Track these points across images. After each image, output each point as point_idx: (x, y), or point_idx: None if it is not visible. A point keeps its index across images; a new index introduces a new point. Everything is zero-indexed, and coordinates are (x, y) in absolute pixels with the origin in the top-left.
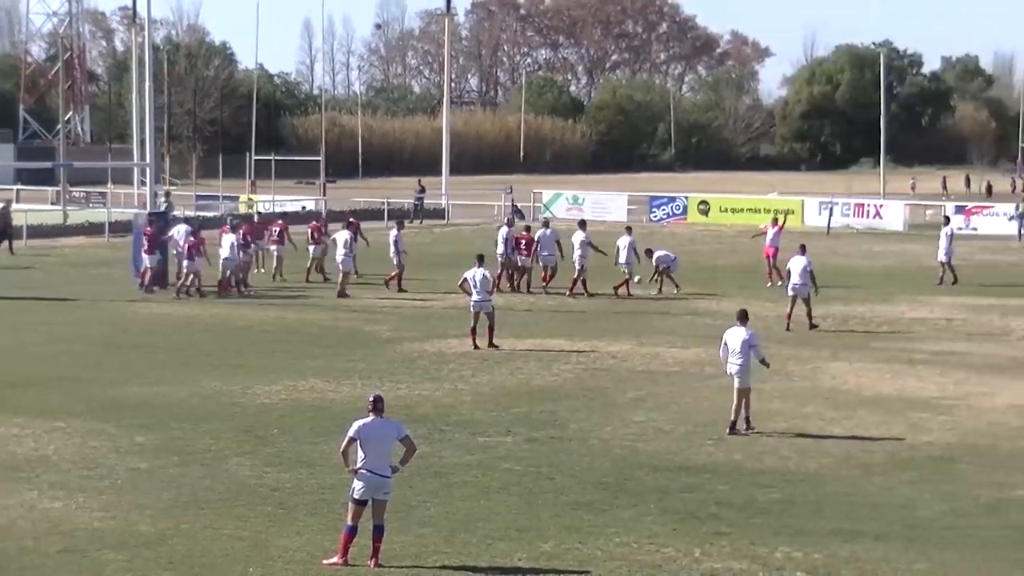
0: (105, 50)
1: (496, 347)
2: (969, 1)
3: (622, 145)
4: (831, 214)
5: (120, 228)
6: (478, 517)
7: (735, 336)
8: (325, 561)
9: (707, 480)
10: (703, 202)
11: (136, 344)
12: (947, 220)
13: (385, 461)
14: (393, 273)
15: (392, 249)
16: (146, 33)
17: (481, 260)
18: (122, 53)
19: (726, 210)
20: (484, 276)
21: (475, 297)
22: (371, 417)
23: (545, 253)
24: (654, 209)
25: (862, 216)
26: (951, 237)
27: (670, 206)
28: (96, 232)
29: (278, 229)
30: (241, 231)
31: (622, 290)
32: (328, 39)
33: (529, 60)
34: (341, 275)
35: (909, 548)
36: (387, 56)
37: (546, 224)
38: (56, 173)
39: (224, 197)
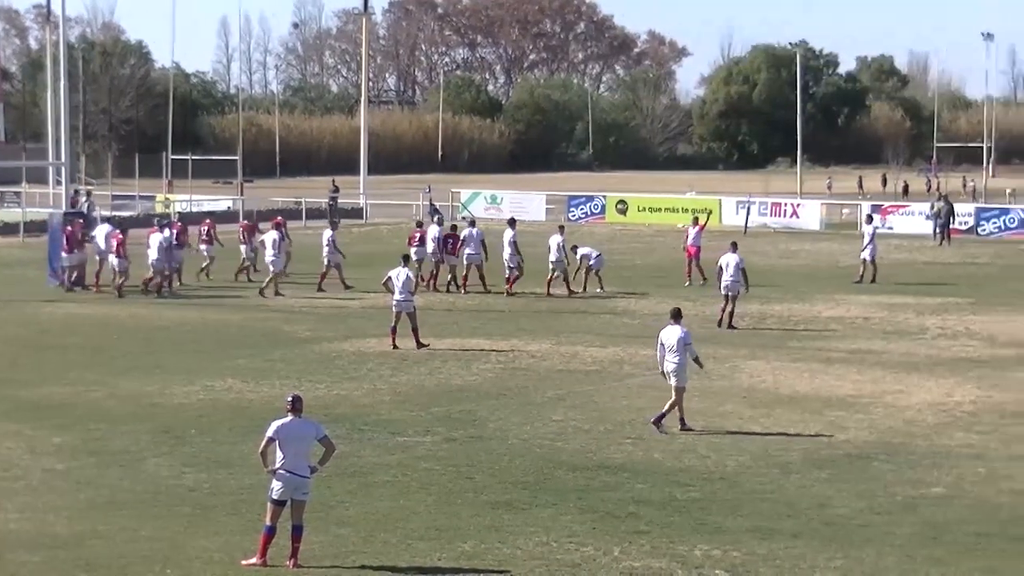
0: (19, 48)
1: (426, 345)
2: (884, 2)
3: (540, 144)
4: (748, 213)
5: (35, 228)
6: (397, 517)
7: (671, 334)
8: (244, 562)
9: (626, 479)
10: (621, 201)
11: (53, 345)
12: (870, 219)
13: (304, 461)
14: (321, 272)
15: (326, 249)
16: (60, 31)
17: (406, 260)
18: (36, 51)
19: (644, 209)
20: (408, 276)
21: (397, 297)
22: (289, 417)
23: (470, 251)
24: (572, 208)
25: (779, 215)
26: (874, 235)
27: (588, 205)
28: (11, 232)
29: (207, 228)
30: (175, 231)
31: (546, 288)
32: (245, 38)
33: (447, 59)
34: (271, 274)
35: (826, 546)
36: (304, 55)
37: (472, 223)
38: None
39: (140, 197)
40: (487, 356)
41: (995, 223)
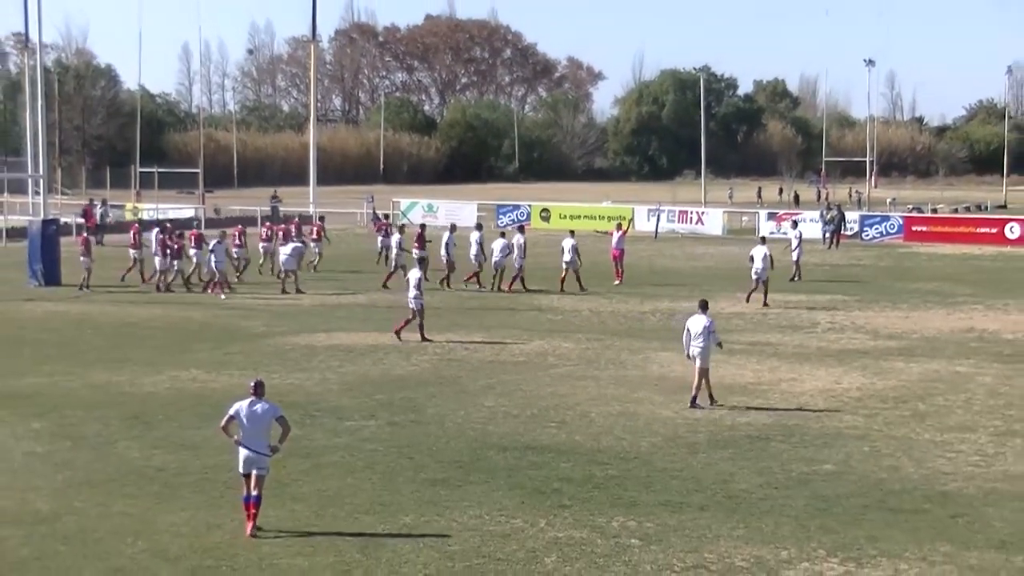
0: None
1: (398, 338)
2: (777, 30)
3: (471, 158)
4: (658, 220)
5: (16, 234)
6: (345, 493)
7: (697, 323)
8: (248, 532)
9: (551, 459)
10: (544, 209)
11: (31, 339)
12: (795, 224)
13: (263, 440)
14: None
15: (444, 251)
16: (38, 56)
17: (421, 263)
18: (16, 74)
19: (565, 216)
20: (420, 277)
21: (410, 294)
22: (251, 399)
23: (498, 256)
24: (501, 216)
25: (686, 222)
26: (800, 239)
27: (515, 213)
28: None
29: (238, 233)
30: (236, 234)
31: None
32: (205, 62)
33: (387, 82)
34: (289, 274)
35: (730, 517)
36: (259, 78)
37: (520, 229)
38: None
39: (112, 206)
40: (425, 349)
41: (877, 228)
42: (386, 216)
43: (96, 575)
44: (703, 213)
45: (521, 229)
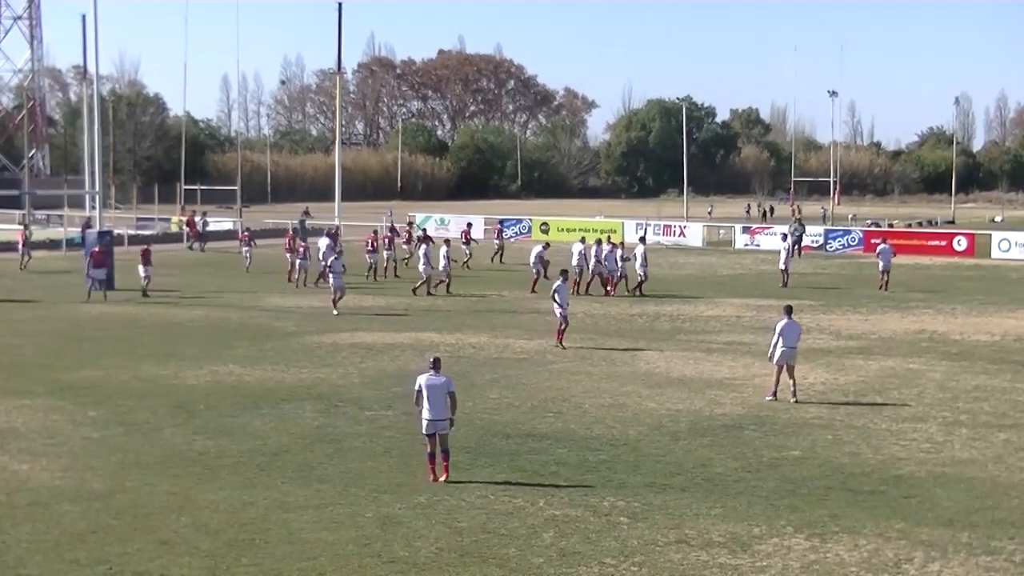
0: (61, 100)
1: (562, 346)
2: (751, 65)
3: (479, 177)
4: (645, 233)
5: (75, 244)
6: (366, 475)
7: (787, 327)
8: (429, 479)
9: (549, 445)
10: (544, 223)
11: (88, 337)
12: (784, 237)
13: (442, 406)
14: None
15: (577, 260)
16: (95, 87)
17: (564, 275)
18: (75, 102)
19: (562, 229)
20: (566, 289)
21: (558, 300)
22: (431, 373)
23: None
24: (505, 229)
25: (670, 235)
26: (789, 250)
27: (518, 226)
28: (54, 247)
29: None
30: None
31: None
32: (242, 92)
33: (404, 109)
34: (427, 279)
35: (708, 497)
36: (290, 106)
37: (643, 238)
38: (22, 199)
39: (159, 219)
40: (437, 347)
41: (840, 241)
42: (392, 228)
43: (145, 546)
44: (685, 227)
45: (642, 240)
